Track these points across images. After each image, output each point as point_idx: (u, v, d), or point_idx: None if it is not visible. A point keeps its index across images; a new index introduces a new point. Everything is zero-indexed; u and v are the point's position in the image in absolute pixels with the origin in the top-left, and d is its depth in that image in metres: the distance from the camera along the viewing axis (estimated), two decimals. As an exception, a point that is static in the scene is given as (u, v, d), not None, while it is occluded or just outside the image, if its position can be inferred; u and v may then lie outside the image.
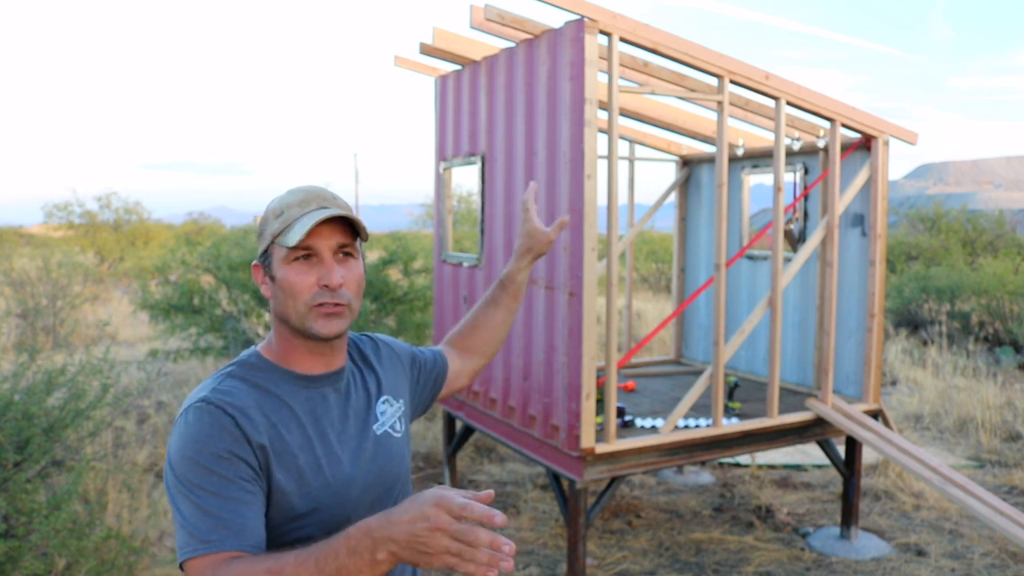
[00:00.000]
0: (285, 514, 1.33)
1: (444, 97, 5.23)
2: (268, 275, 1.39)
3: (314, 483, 1.34)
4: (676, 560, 4.60)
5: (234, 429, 1.29)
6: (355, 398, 1.48)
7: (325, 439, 1.39)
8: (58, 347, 9.04)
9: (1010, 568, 4.48)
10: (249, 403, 1.34)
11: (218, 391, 1.34)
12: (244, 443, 1.29)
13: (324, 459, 1.37)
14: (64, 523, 3.30)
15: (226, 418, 1.29)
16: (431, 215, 23.32)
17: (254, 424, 1.31)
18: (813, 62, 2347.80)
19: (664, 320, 5.43)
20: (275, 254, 1.37)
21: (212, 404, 1.31)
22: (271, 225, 1.38)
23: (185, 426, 1.30)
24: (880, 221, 4.72)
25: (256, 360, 1.41)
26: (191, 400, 1.34)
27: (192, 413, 1.31)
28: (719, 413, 4.21)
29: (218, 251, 7.73)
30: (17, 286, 10.82)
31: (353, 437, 1.43)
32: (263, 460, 1.30)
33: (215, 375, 1.40)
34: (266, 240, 1.38)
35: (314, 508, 1.34)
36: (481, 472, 6.12)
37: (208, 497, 1.25)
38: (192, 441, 1.28)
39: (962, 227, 17.46)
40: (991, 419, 7.22)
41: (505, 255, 4.51)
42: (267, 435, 1.32)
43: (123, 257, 22.30)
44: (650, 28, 3.82)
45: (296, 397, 1.39)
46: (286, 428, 1.35)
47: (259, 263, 1.41)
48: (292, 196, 1.38)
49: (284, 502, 1.32)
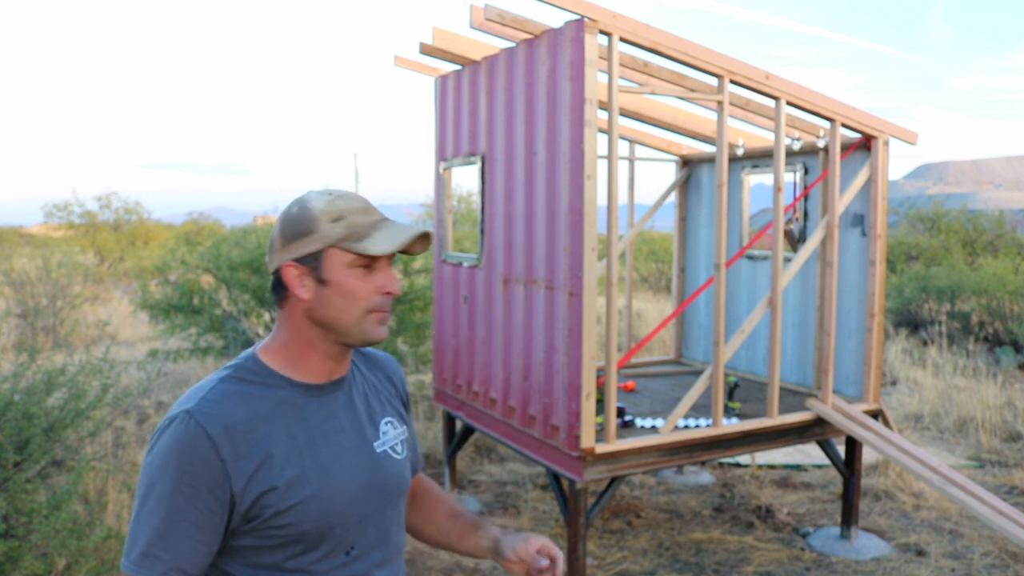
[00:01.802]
0: (268, 520, 1.33)
1: (444, 97, 5.23)
2: (315, 277, 1.36)
3: (298, 494, 1.34)
4: (676, 560, 4.60)
5: (209, 453, 1.29)
6: (357, 410, 1.47)
7: (315, 449, 1.38)
8: (58, 347, 9.04)
9: (1010, 568, 4.48)
10: (237, 417, 1.33)
11: (207, 402, 1.33)
12: (217, 467, 1.30)
13: (311, 470, 1.36)
14: (64, 523, 3.30)
15: (205, 440, 1.29)
16: (431, 215, 23.32)
17: (234, 444, 1.31)
18: (813, 62, 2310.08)
19: (664, 320, 5.43)
20: (333, 258, 1.36)
21: (195, 420, 1.31)
22: (327, 228, 1.35)
23: (166, 436, 1.32)
24: (880, 221, 4.72)
25: (254, 365, 1.40)
26: (179, 407, 1.35)
27: (175, 426, 1.32)
28: (719, 413, 4.21)
29: (218, 251, 7.72)
30: (17, 286, 10.82)
31: (347, 449, 1.42)
32: (236, 481, 1.30)
33: (210, 378, 1.40)
34: (319, 243, 1.35)
35: (297, 519, 1.34)
36: (481, 472, 6.12)
37: (163, 512, 1.28)
38: (166, 453, 1.31)
39: (962, 227, 17.46)
40: (991, 419, 7.22)
41: (505, 255, 4.51)
42: (248, 452, 1.32)
43: (123, 257, 22.30)
44: (650, 28, 3.82)
45: (292, 406, 1.38)
46: (273, 439, 1.34)
47: (297, 263, 1.37)
48: (346, 202, 1.37)
49: (266, 509, 1.32)
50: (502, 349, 4.54)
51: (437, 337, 5.43)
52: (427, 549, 4.68)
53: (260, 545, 1.34)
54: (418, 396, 7.76)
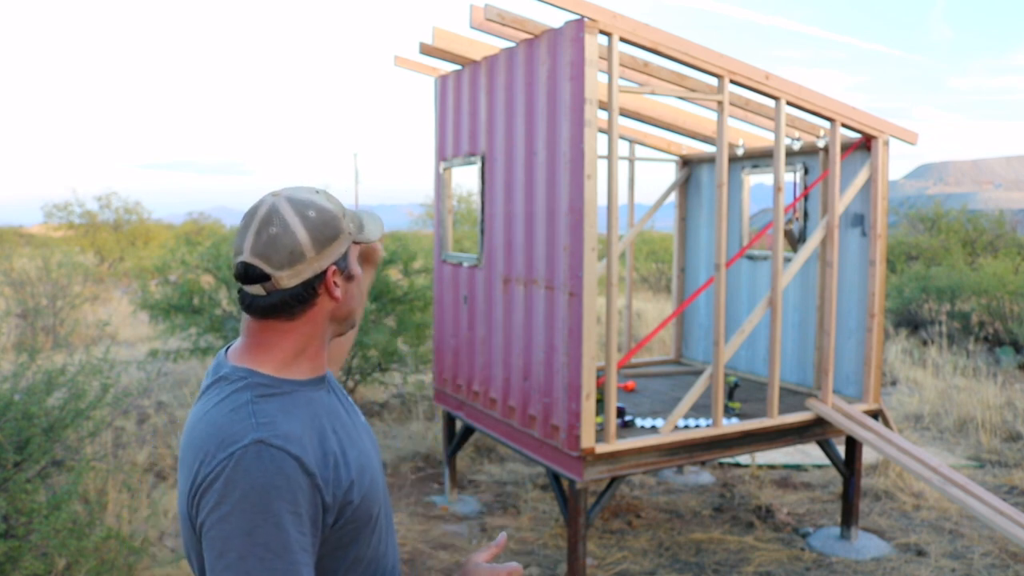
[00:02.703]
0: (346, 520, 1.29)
1: (444, 97, 5.23)
2: (344, 276, 1.35)
3: (363, 480, 1.32)
4: (676, 560, 4.60)
5: (299, 474, 1.19)
6: (342, 394, 1.48)
7: (349, 436, 1.37)
8: (58, 347, 9.04)
9: (1010, 568, 4.48)
10: (296, 429, 1.24)
11: (265, 426, 1.21)
12: (309, 485, 1.21)
13: (360, 456, 1.35)
14: (64, 523, 3.30)
15: (291, 461, 1.19)
16: (431, 215, 23.32)
17: (312, 455, 1.24)
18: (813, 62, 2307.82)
19: (664, 320, 5.43)
20: (353, 253, 1.38)
21: (273, 445, 1.19)
22: (344, 224, 1.34)
23: (244, 475, 1.17)
24: (880, 221, 4.72)
25: (263, 379, 1.32)
26: (237, 442, 1.20)
27: (252, 459, 1.18)
28: (719, 413, 4.21)
29: (218, 251, 7.72)
30: (17, 286, 10.82)
31: (360, 428, 1.44)
32: (326, 492, 1.24)
33: (239, 406, 1.26)
34: (346, 241, 1.34)
35: (367, 504, 1.32)
36: (481, 472, 6.12)
37: (279, 553, 1.16)
38: (258, 490, 1.16)
39: (962, 227, 17.46)
40: (991, 419, 7.22)
41: (505, 255, 4.51)
42: (322, 458, 1.26)
43: (123, 257, 22.30)
44: (650, 28, 3.82)
45: (317, 403, 1.35)
46: (327, 439, 1.30)
47: (336, 266, 1.33)
48: (332, 201, 1.36)
49: (348, 507, 1.28)
50: (502, 349, 4.54)
51: (437, 337, 5.43)
52: (427, 549, 4.68)
53: (332, 552, 1.29)
54: (418, 396, 7.76)
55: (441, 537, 4.89)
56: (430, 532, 4.96)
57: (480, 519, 5.21)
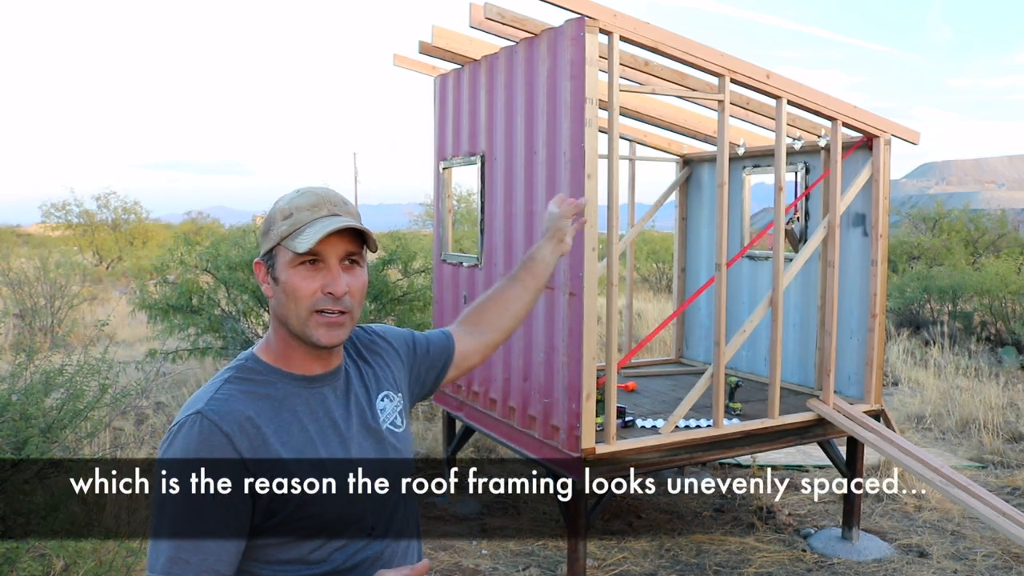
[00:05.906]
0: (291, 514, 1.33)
1: (444, 96, 5.21)
2: (271, 275, 1.38)
3: (318, 483, 1.34)
4: (677, 561, 4.59)
5: (227, 450, 1.29)
6: (355, 394, 1.47)
7: (326, 438, 1.39)
8: (56, 347, 9.02)
9: (1013, 570, 4.47)
10: (248, 412, 1.33)
11: (216, 401, 1.33)
12: (236, 462, 1.29)
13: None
14: (62, 524, 3.28)
15: (221, 437, 1.29)
16: (431, 215, 23.31)
17: (250, 439, 1.31)
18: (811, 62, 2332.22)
19: (665, 320, 5.41)
20: (280, 256, 1.36)
21: (208, 419, 1.30)
22: (278, 226, 1.36)
23: (179, 440, 1.31)
24: (882, 221, 4.70)
25: (254, 364, 1.41)
26: (187, 410, 1.33)
27: (188, 428, 1.30)
28: (720, 413, 4.20)
29: (217, 251, 7.71)
30: (15, 286, 10.81)
31: (356, 434, 1.44)
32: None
33: (213, 381, 1.39)
34: (272, 240, 1.37)
35: (319, 509, 1.34)
36: (481, 473, 6.10)
37: (187, 515, 1.27)
38: (183, 455, 1.29)
39: (964, 227, 17.44)
40: (993, 420, 7.20)
41: (505, 255, 4.49)
42: (264, 446, 1.32)
43: (121, 257, 22.27)
44: (651, 27, 3.80)
45: (297, 398, 1.39)
46: (287, 432, 1.35)
47: (262, 261, 1.40)
48: (302, 199, 1.37)
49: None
50: (502, 349, 4.52)
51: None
52: (427, 550, 4.67)
53: (284, 542, 1.34)
54: (418, 396, 7.74)
55: (441, 538, 4.88)
56: (430, 533, 4.94)
57: (480, 520, 5.20)
